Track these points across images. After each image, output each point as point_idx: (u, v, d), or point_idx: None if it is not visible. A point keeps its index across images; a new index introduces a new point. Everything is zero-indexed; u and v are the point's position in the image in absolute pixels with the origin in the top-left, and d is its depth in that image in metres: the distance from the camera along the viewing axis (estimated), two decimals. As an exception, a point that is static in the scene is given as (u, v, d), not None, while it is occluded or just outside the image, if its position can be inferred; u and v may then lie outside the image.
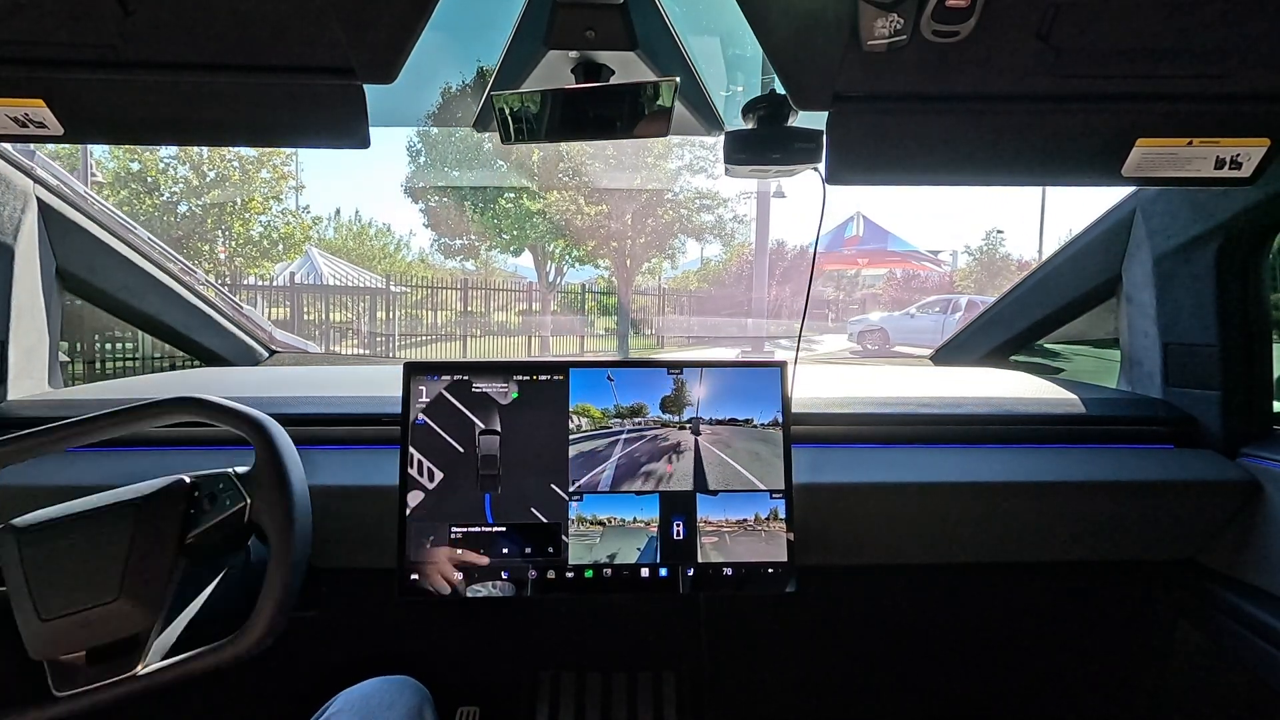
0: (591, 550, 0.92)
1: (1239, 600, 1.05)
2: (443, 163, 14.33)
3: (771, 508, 0.94)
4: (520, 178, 13.68)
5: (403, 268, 17.95)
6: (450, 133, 13.74)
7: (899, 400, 1.13)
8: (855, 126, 0.80)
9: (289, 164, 12.57)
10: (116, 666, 0.72)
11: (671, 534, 0.92)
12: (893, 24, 0.66)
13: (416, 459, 0.91)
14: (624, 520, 0.93)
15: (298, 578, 0.75)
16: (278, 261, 13.05)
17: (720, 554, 0.92)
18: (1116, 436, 1.12)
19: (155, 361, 1.58)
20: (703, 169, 14.33)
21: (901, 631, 1.28)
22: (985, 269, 21.28)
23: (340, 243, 18.06)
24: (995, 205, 47.48)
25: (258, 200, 12.28)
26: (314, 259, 13.32)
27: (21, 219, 1.09)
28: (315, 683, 0.93)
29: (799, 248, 21.97)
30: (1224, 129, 0.79)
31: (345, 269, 14.03)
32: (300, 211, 13.84)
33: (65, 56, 0.71)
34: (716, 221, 15.10)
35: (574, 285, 16.37)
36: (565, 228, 13.85)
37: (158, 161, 11.83)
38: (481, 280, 14.93)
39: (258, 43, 0.71)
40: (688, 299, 19.37)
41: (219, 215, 12.12)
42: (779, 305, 20.24)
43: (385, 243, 19.62)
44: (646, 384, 0.95)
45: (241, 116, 0.79)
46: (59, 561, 0.73)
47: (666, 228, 14.83)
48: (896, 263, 22.92)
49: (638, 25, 0.79)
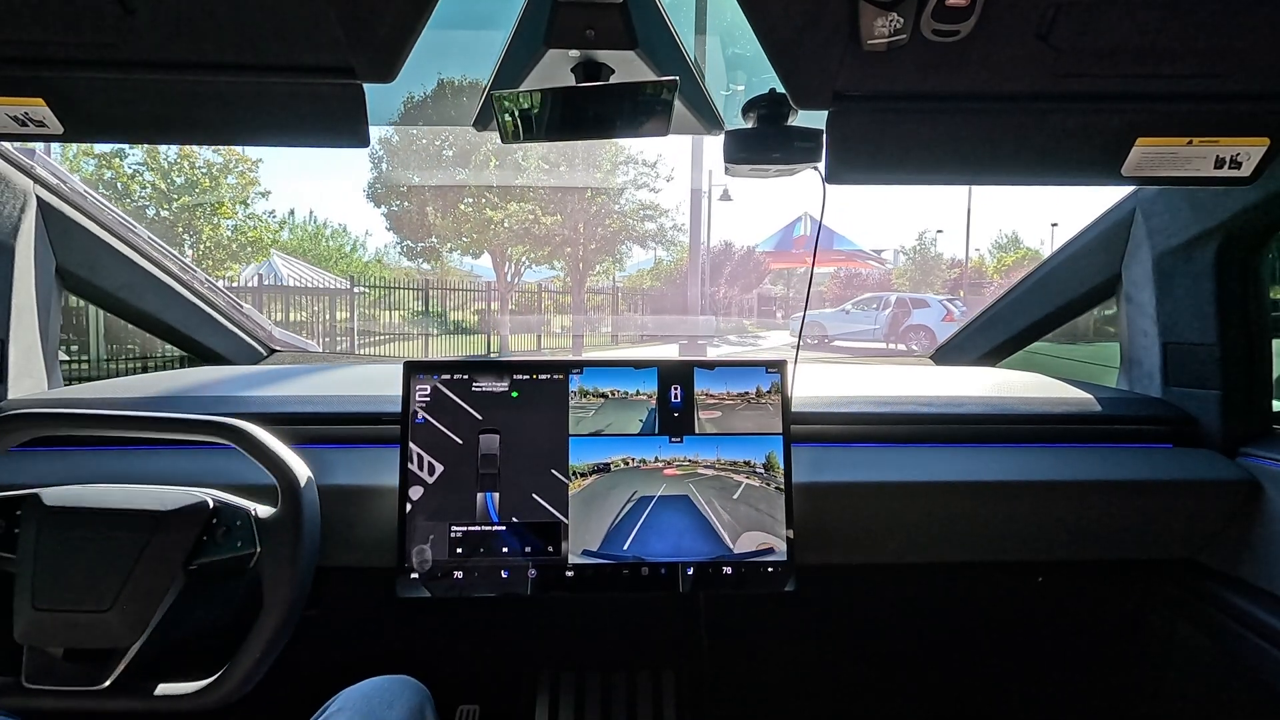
0: (590, 421, 0.93)
1: (1238, 600, 1.05)
2: (405, 168, 15.32)
3: (772, 381, 0.96)
4: (479, 181, 14.68)
5: (359, 267, 18.30)
6: (411, 140, 14.65)
7: (899, 400, 1.13)
8: (855, 126, 0.80)
9: (254, 170, 13.08)
10: (88, 675, 0.74)
11: (670, 405, 0.94)
12: (893, 23, 0.66)
13: (416, 457, 0.91)
14: (626, 393, 0.94)
15: (283, 637, 0.76)
16: (246, 264, 13.54)
17: (716, 426, 0.94)
18: (1116, 436, 1.12)
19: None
20: (645, 184, 16.43)
21: (901, 630, 1.28)
22: (919, 268, 22.87)
23: (296, 244, 18.19)
24: (937, 204, 48.08)
25: (227, 205, 12.77)
26: (274, 261, 13.76)
27: (21, 218, 1.09)
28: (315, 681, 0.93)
29: (745, 248, 23.16)
30: (1224, 128, 0.79)
31: (303, 270, 14.35)
32: (265, 216, 14.58)
33: (65, 56, 0.71)
34: (659, 229, 17.13)
35: (531, 284, 17.62)
36: (524, 235, 15.26)
37: (123, 167, 12.22)
38: (441, 280, 15.57)
39: (258, 42, 0.70)
40: (641, 298, 20.47)
41: (189, 220, 12.55)
42: (728, 303, 21.61)
43: (341, 243, 19.77)
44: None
45: (241, 116, 0.79)
46: (68, 554, 0.74)
47: (615, 235, 16.73)
48: (842, 261, 23.58)
49: (638, 24, 0.79)
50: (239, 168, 12.91)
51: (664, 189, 26.40)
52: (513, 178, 14.71)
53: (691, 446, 0.94)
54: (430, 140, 14.65)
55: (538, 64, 0.85)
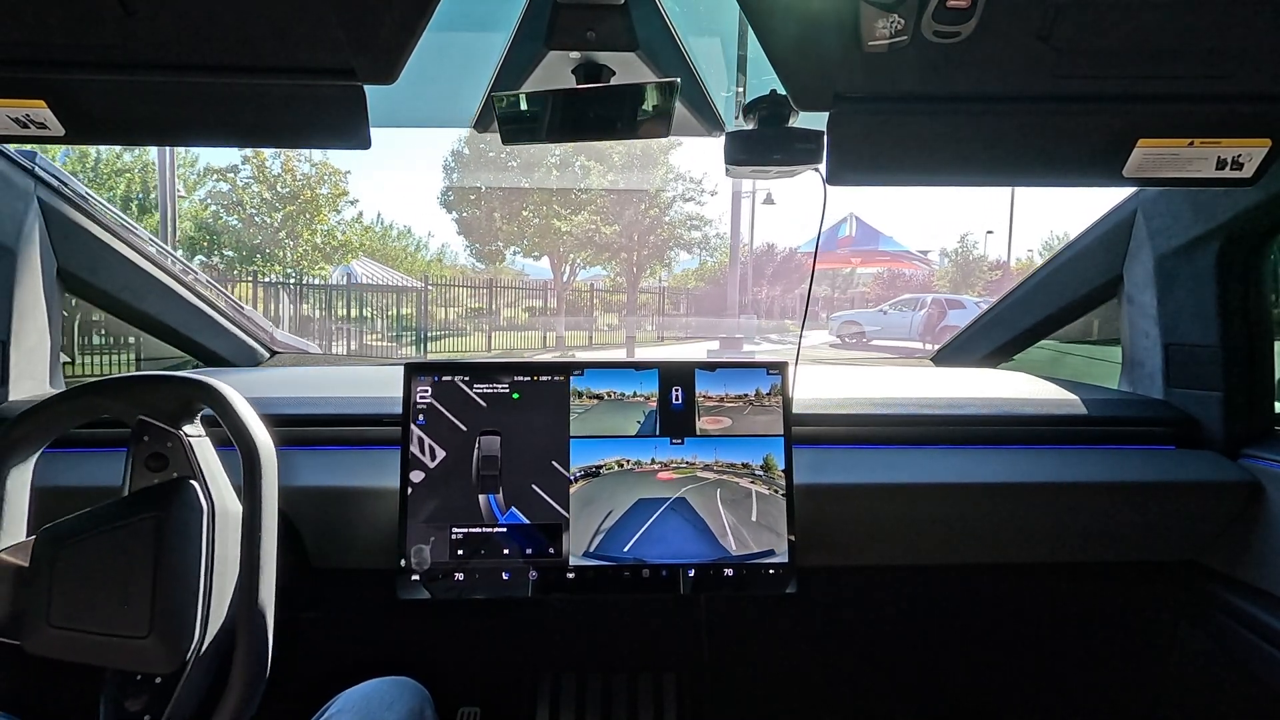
0: (581, 422, 0.93)
1: (1240, 601, 1.05)
2: (474, 178, 17.44)
3: (772, 383, 0.95)
4: (541, 183, 16.64)
5: (423, 266, 20.36)
6: (480, 153, 16.64)
7: (900, 401, 1.13)
8: (856, 127, 0.80)
9: (344, 180, 14.89)
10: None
11: (671, 406, 0.94)
12: (894, 24, 0.66)
13: (417, 458, 0.91)
14: (622, 394, 0.94)
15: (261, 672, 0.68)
16: (336, 265, 15.29)
17: (716, 428, 0.94)
18: (1118, 437, 1.12)
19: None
20: (692, 198, 18.75)
21: (903, 632, 1.28)
22: (960, 269, 23.04)
23: (367, 245, 19.79)
24: (988, 204, 47.86)
25: (324, 213, 14.72)
26: (352, 263, 15.50)
27: (23, 220, 1.09)
28: (315, 683, 0.92)
29: (788, 250, 23.85)
30: (1225, 129, 0.79)
31: (376, 270, 16.23)
32: (353, 222, 16.60)
33: (67, 57, 0.71)
34: (703, 237, 19.72)
35: (581, 284, 19.50)
36: (587, 243, 17.64)
37: (237, 180, 14.40)
38: (496, 279, 17.66)
39: (259, 44, 0.71)
40: (685, 297, 22.05)
41: (290, 226, 14.42)
42: (771, 303, 22.44)
43: (406, 244, 21.96)
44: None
45: (242, 117, 0.79)
46: (85, 580, 0.68)
47: (664, 243, 19.26)
48: (887, 262, 23.86)
49: (638, 26, 0.79)
50: (331, 179, 14.49)
51: (709, 202, 28.26)
52: (576, 182, 16.58)
53: (692, 448, 0.94)
54: (498, 153, 16.48)
55: (539, 65, 0.85)
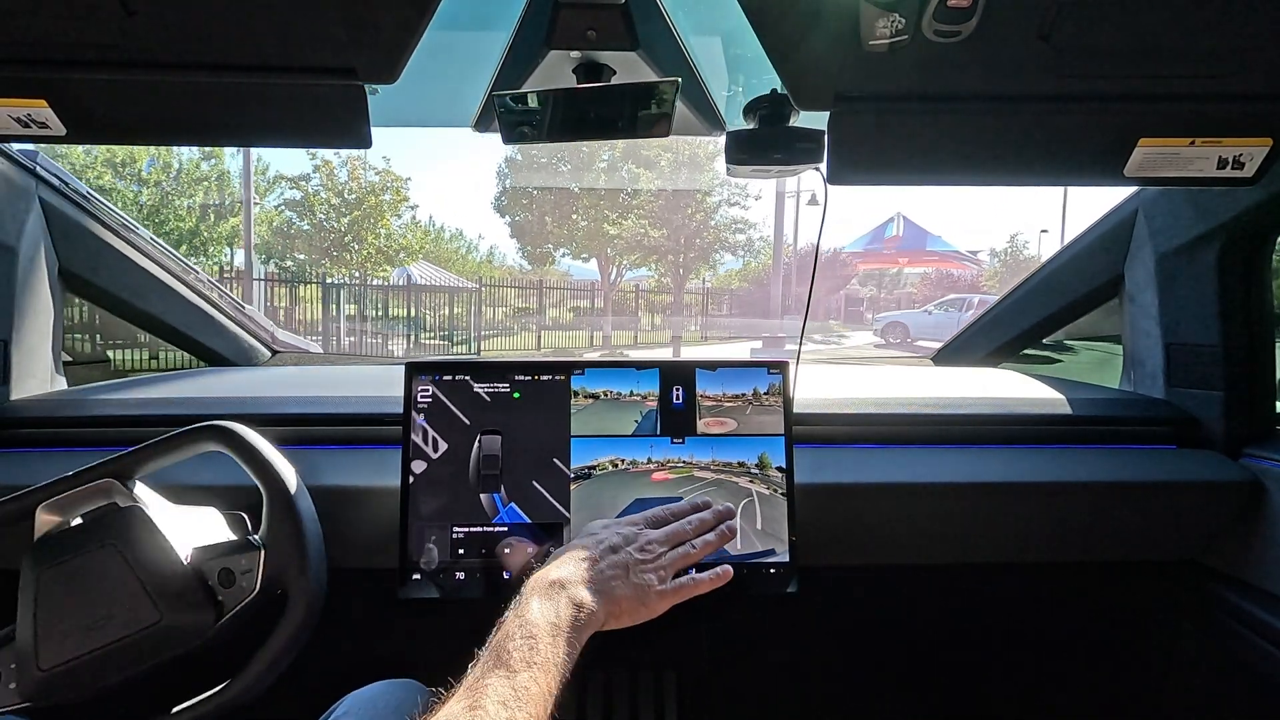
0: (580, 421, 0.92)
1: (1241, 601, 1.05)
2: (528, 182, 18.62)
3: (772, 382, 0.95)
4: (590, 184, 17.76)
5: (474, 267, 21.75)
6: (532, 159, 17.90)
7: (900, 400, 1.13)
8: (857, 126, 0.80)
9: (406, 186, 16.04)
10: None
11: (671, 406, 0.94)
12: (894, 24, 0.66)
13: (418, 458, 0.91)
14: (619, 394, 0.93)
15: (298, 644, 0.75)
16: (396, 267, 16.36)
17: (717, 427, 0.94)
18: (1119, 437, 1.12)
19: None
20: (737, 203, 19.82)
21: (903, 632, 1.27)
22: (1009, 269, 23.23)
23: (422, 246, 20.80)
24: (1040, 205, 47.44)
25: (388, 218, 15.75)
26: (409, 266, 16.50)
27: (25, 219, 1.09)
28: (322, 684, 0.92)
29: (833, 250, 24.35)
30: (1226, 129, 0.79)
31: (431, 271, 17.26)
32: (412, 224, 17.80)
33: (67, 56, 0.71)
34: (747, 240, 20.88)
35: (626, 285, 20.61)
36: (636, 246, 18.83)
37: (309, 189, 15.78)
38: (542, 279, 18.56)
39: (259, 43, 0.71)
40: (729, 297, 23.00)
41: (356, 230, 15.46)
42: (815, 304, 22.15)
43: (458, 246, 23.38)
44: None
45: (243, 117, 0.79)
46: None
47: (710, 246, 20.17)
48: (935, 262, 23.78)
49: (639, 25, 0.79)
50: (393, 185, 15.53)
51: (753, 206, 29.64)
52: (626, 184, 17.66)
53: (691, 447, 0.94)
54: (550, 158, 17.47)
55: (539, 65, 0.85)
